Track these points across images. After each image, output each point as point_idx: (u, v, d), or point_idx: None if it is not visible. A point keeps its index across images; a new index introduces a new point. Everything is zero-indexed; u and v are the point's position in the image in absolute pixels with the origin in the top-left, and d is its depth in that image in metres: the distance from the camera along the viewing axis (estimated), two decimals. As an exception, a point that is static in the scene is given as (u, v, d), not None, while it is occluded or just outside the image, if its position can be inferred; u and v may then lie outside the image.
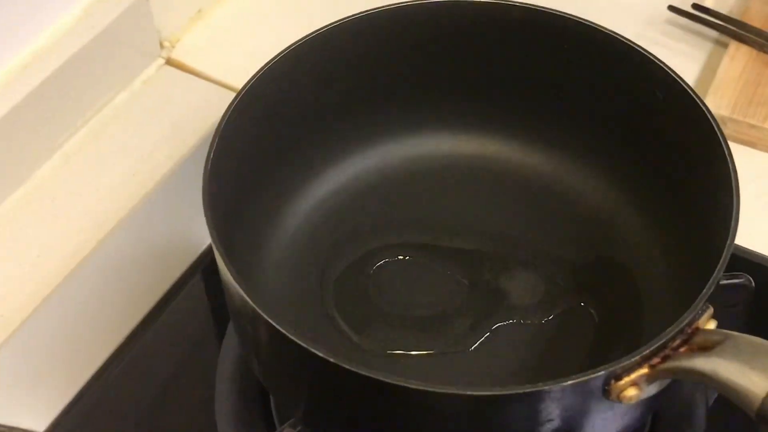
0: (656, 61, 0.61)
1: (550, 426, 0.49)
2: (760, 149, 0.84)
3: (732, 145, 0.82)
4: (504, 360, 0.61)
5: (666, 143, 0.63)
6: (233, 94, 0.88)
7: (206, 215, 0.52)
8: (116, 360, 0.71)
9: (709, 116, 0.58)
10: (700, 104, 0.59)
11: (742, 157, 0.82)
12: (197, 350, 0.72)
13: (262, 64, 0.63)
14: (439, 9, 0.65)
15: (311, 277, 0.65)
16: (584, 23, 0.63)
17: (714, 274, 0.49)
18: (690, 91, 0.60)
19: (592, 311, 0.63)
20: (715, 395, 0.67)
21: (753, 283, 0.63)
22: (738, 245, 0.73)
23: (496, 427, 0.49)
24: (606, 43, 0.63)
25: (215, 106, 0.88)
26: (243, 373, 0.66)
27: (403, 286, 0.65)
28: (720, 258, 0.50)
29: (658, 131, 0.63)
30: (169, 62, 0.91)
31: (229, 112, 0.59)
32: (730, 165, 0.55)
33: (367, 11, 0.66)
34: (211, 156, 0.56)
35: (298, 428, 0.54)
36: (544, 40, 0.65)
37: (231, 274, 0.49)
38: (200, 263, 0.76)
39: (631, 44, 0.62)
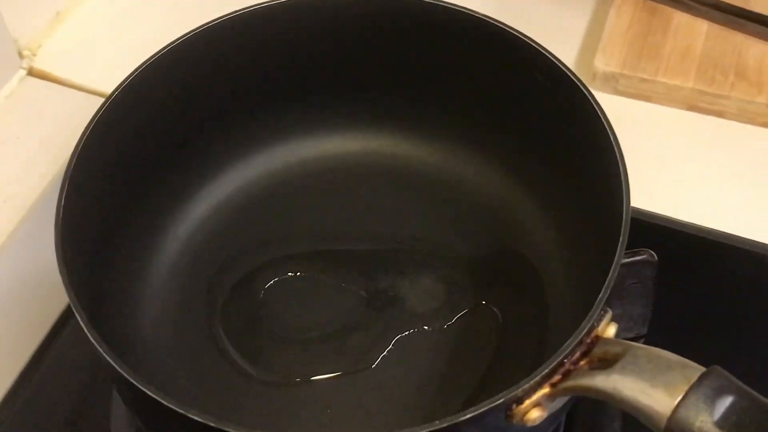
0: (531, 42, 0.58)
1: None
2: (656, 102, 0.82)
3: (626, 101, 0.82)
4: (409, 373, 0.58)
5: (551, 126, 0.60)
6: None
7: (61, 272, 0.48)
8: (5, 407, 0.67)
9: (589, 97, 0.55)
10: (578, 84, 0.56)
11: (638, 112, 0.81)
12: (90, 394, 0.68)
13: (131, 66, 0.58)
14: (304, 6, 0.61)
15: (198, 308, 0.61)
16: (454, 8, 0.59)
17: (607, 280, 0.47)
18: (567, 71, 0.57)
19: (494, 309, 0.60)
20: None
21: (656, 258, 0.61)
22: (639, 209, 0.72)
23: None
24: (480, 28, 0.59)
25: (86, 114, 0.83)
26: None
27: (296, 305, 0.62)
28: (613, 259, 0.47)
29: (542, 114, 0.60)
30: (32, 72, 0.86)
31: (87, 133, 0.55)
32: (617, 153, 0.52)
33: (239, 11, 0.61)
34: (63, 196, 0.52)
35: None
36: (418, 30, 0.62)
37: (93, 338, 0.45)
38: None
39: (505, 27, 0.59)
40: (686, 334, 0.64)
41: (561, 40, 0.85)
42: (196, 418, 0.42)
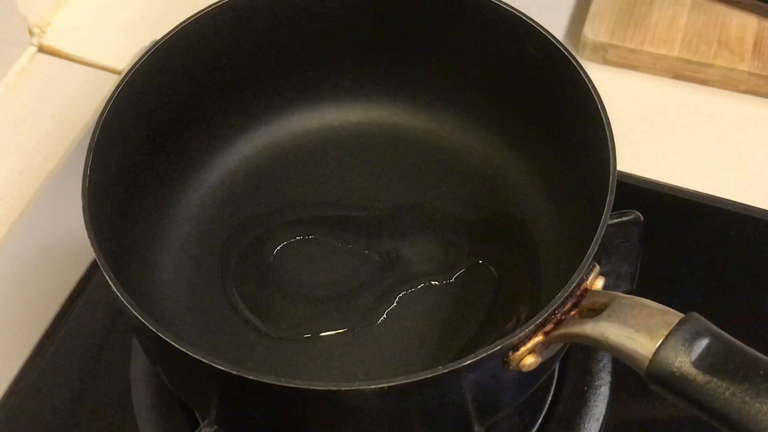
0: (521, 15, 0.61)
1: (458, 402, 0.50)
2: (643, 71, 0.85)
3: (615, 70, 0.85)
4: (411, 329, 0.62)
5: (542, 95, 0.63)
6: (113, 77, 0.87)
7: (88, 229, 0.52)
8: (28, 368, 0.71)
9: (577, 67, 0.58)
10: (567, 54, 0.59)
11: (625, 81, 0.84)
12: (109, 347, 0.72)
13: (139, 40, 0.61)
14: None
15: (212, 269, 0.65)
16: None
17: (595, 238, 0.50)
18: (556, 43, 0.60)
19: (490, 268, 0.64)
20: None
21: (642, 218, 0.65)
22: (625, 173, 0.75)
23: (407, 412, 0.50)
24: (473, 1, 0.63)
25: (96, 90, 0.86)
26: (158, 376, 0.66)
27: (304, 267, 0.65)
28: (600, 218, 0.51)
29: (534, 84, 0.63)
30: (42, 49, 0.89)
31: (107, 109, 0.58)
32: (605, 120, 0.55)
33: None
34: (89, 164, 0.55)
35: (215, 428, 0.54)
36: (414, 4, 0.65)
37: (118, 290, 0.49)
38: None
39: (497, 2, 0.62)
40: (670, 289, 0.67)
41: (551, 11, 0.89)
42: (216, 365, 0.46)
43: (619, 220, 0.63)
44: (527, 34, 0.61)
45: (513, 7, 0.61)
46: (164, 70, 0.62)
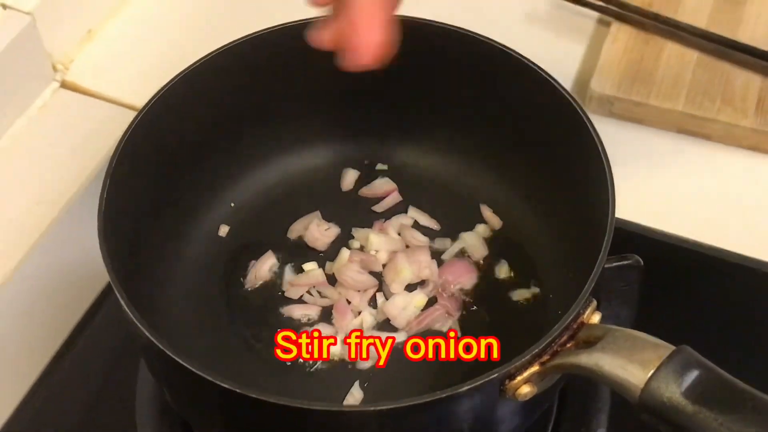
0: (527, 61, 0.64)
1: (455, 428, 0.52)
2: (647, 125, 0.87)
3: (620, 123, 0.87)
4: (410, 366, 0.63)
5: (548, 140, 0.66)
6: (130, 113, 0.89)
7: (102, 249, 0.54)
8: (34, 394, 0.72)
9: (583, 115, 0.61)
10: (574, 103, 0.61)
11: (631, 134, 0.86)
12: (116, 372, 0.73)
13: (158, 79, 0.64)
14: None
15: (218, 294, 0.68)
16: (458, 31, 0.65)
17: (592, 274, 0.52)
18: (563, 91, 0.62)
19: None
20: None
21: (642, 263, 0.66)
22: (627, 221, 0.77)
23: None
24: (487, 50, 0.66)
25: (114, 125, 0.89)
26: (162, 397, 0.68)
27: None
28: (596, 260, 0.53)
29: (541, 129, 0.66)
30: (64, 85, 0.91)
31: (123, 142, 0.60)
32: (606, 167, 0.58)
33: (262, 30, 0.67)
34: (105, 191, 0.57)
35: (217, 450, 0.55)
36: (426, 51, 0.68)
37: (128, 309, 0.51)
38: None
39: (511, 52, 0.65)
40: (667, 331, 0.69)
41: (560, 64, 0.91)
42: (220, 383, 0.47)
43: (620, 263, 0.65)
44: (538, 83, 0.63)
45: (527, 58, 0.64)
46: (177, 106, 0.65)
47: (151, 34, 0.95)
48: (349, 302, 0.66)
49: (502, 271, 0.69)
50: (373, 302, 0.67)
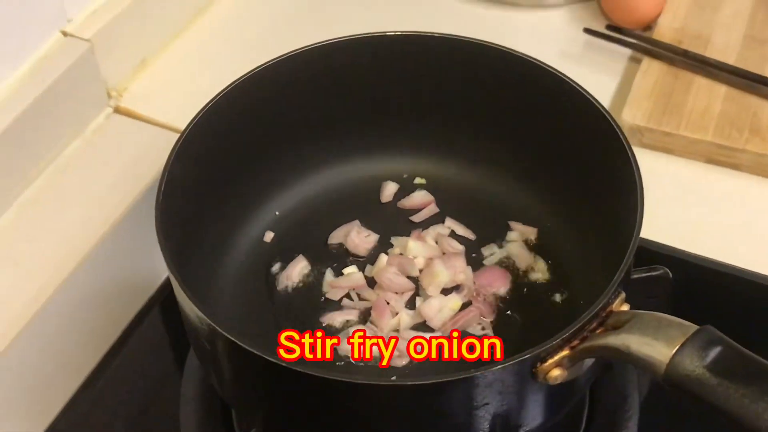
0: (566, 79, 0.67)
1: (487, 409, 0.54)
2: (677, 155, 0.89)
3: (650, 153, 0.90)
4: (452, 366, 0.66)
5: (581, 155, 0.69)
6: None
7: (159, 240, 0.57)
8: (84, 394, 0.75)
9: (611, 120, 0.64)
10: (605, 113, 0.65)
11: (660, 164, 0.89)
12: (161, 378, 0.77)
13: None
14: (363, 43, 0.71)
15: (262, 297, 0.70)
16: (502, 50, 0.69)
17: (622, 264, 0.54)
18: (597, 104, 0.66)
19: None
20: (647, 390, 0.72)
21: (671, 275, 0.68)
22: (658, 242, 0.79)
23: (440, 411, 0.53)
24: (527, 69, 0.70)
25: (163, 148, 0.92)
26: (205, 394, 0.71)
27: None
28: (627, 251, 0.55)
29: (575, 145, 0.69)
30: (117, 110, 0.95)
31: (174, 153, 0.64)
32: (635, 170, 0.60)
33: (303, 48, 0.71)
34: (162, 189, 0.61)
35: (260, 434, 0.58)
36: (470, 70, 0.72)
37: (185, 292, 0.54)
38: (158, 298, 0.80)
39: (564, 77, 0.69)
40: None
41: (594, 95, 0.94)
42: (268, 357, 0.50)
43: (648, 274, 0.67)
44: (578, 104, 0.67)
45: (570, 78, 0.68)
46: (221, 123, 0.70)
47: (203, 64, 0.99)
48: (388, 303, 0.69)
49: (539, 271, 0.72)
50: (409, 305, 0.70)
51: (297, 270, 0.72)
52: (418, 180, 0.78)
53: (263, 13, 1.04)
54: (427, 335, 0.67)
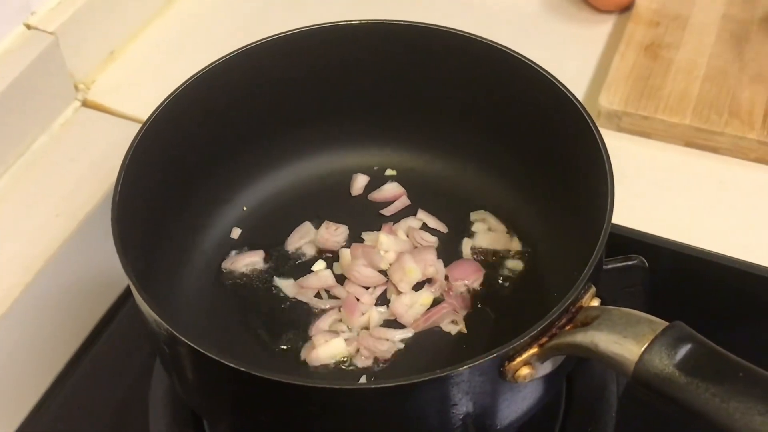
0: (534, 65, 0.66)
1: (457, 410, 0.52)
2: (656, 139, 0.88)
3: (628, 138, 0.88)
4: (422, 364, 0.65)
5: (553, 145, 0.68)
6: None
7: (115, 240, 0.55)
8: (51, 395, 0.74)
9: (579, 107, 0.62)
10: (573, 99, 0.63)
11: (638, 148, 0.87)
12: (129, 379, 0.75)
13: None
14: (327, 33, 0.69)
15: (228, 295, 0.68)
16: (471, 38, 0.68)
17: (591, 259, 0.53)
18: (565, 90, 0.64)
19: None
20: (626, 382, 0.71)
21: (646, 264, 0.67)
22: (636, 230, 0.78)
23: (407, 413, 0.52)
24: (496, 56, 0.68)
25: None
26: (174, 397, 0.69)
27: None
28: (596, 245, 0.54)
29: (545, 133, 0.67)
30: (86, 104, 0.94)
31: (132, 148, 0.62)
32: (606, 161, 0.59)
33: (266, 38, 0.70)
34: (119, 186, 0.59)
35: (225, 439, 0.56)
36: (438, 58, 0.70)
37: (141, 296, 0.52)
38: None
39: (515, 54, 0.67)
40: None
41: (571, 81, 0.92)
42: (230, 364, 0.49)
43: (624, 264, 0.66)
44: (546, 90, 0.66)
45: (537, 64, 0.66)
46: (182, 116, 0.68)
47: (173, 55, 0.97)
48: (357, 300, 0.68)
49: (510, 265, 0.70)
50: (380, 301, 0.68)
51: (245, 261, 0.70)
52: (388, 171, 0.76)
53: (233, 4, 1.03)
54: (398, 332, 0.66)
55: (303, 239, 0.71)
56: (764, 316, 0.77)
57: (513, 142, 0.72)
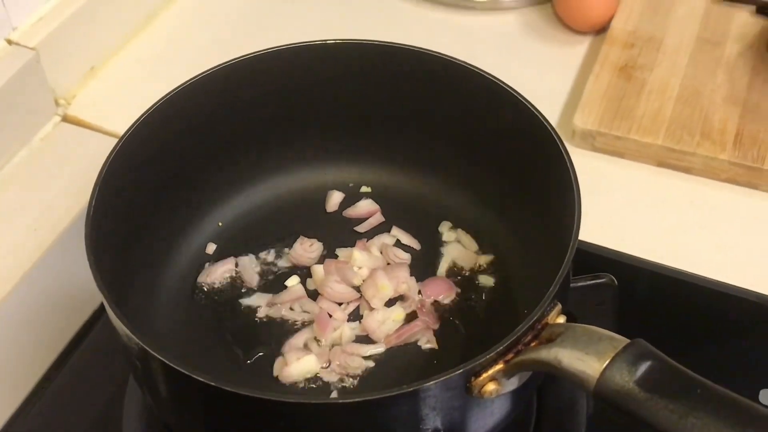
0: (503, 85, 0.67)
1: (425, 425, 0.53)
2: (629, 158, 0.89)
3: (602, 157, 0.90)
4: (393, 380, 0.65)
5: (524, 162, 0.69)
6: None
7: (88, 254, 0.56)
8: (24, 411, 0.74)
9: (547, 125, 0.63)
10: (541, 118, 0.64)
11: (611, 168, 0.89)
12: (104, 395, 0.75)
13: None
14: (304, 52, 0.70)
15: (204, 311, 0.69)
16: (443, 58, 0.69)
17: (557, 278, 0.54)
18: (533, 109, 0.65)
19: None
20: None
21: (616, 282, 0.68)
22: (607, 248, 0.79)
23: (379, 429, 0.53)
24: (467, 75, 0.69)
25: (113, 157, 0.92)
26: (148, 413, 0.69)
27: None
28: (562, 263, 0.55)
29: (517, 152, 0.69)
30: (66, 119, 0.95)
31: (108, 163, 0.63)
32: (574, 182, 0.60)
33: (242, 57, 0.70)
34: (93, 203, 0.60)
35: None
36: (411, 78, 0.71)
37: (113, 311, 0.53)
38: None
39: (485, 74, 0.68)
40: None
41: (546, 101, 0.94)
42: (199, 378, 0.49)
43: (594, 281, 0.67)
44: (518, 110, 0.67)
45: (508, 85, 0.68)
46: (158, 132, 0.68)
47: (153, 71, 0.98)
48: (330, 316, 0.68)
49: (482, 281, 0.72)
50: (353, 317, 0.69)
51: (221, 270, 0.71)
52: (364, 188, 0.77)
53: (213, 21, 1.04)
54: (370, 348, 0.66)
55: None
56: (734, 335, 0.78)
57: (486, 160, 0.73)
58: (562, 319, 0.54)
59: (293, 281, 0.71)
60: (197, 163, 0.71)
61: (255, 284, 0.71)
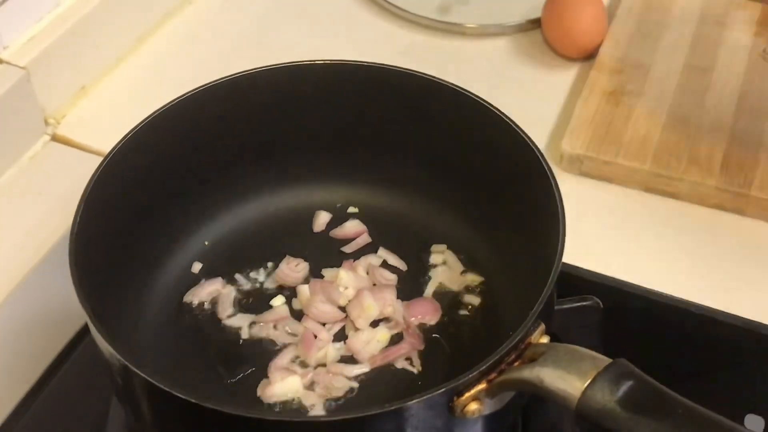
0: (491, 107, 0.67)
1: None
2: (616, 183, 0.89)
3: (589, 181, 0.90)
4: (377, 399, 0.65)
5: (511, 185, 0.69)
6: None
7: (72, 271, 0.56)
8: (7, 429, 0.73)
9: (534, 148, 0.64)
10: (528, 141, 0.65)
11: (599, 192, 0.89)
12: (87, 414, 0.75)
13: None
14: (291, 72, 0.70)
15: (189, 331, 0.69)
16: (430, 79, 0.69)
17: (541, 297, 0.54)
18: (520, 132, 0.65)
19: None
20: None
21: (601, 305, 0.68)
22: (593, 272, 0.79)
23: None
24: (455, 98, 0.70)
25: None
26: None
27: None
28: (545, 284, 0.55)
29: (504, 175, 0.69)
30: (55, 138, 0.95)
31: (92, 183, 0.63)
32: (559, 205, 0.60)
33: (230, 76, 0.71)
34: (77, 222, 0.59)
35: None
36: (400, 100, 0.72)
37: (96, 327, 0.53)
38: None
39: (474, 97, 0.68)
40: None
41: (535, 125, 0.94)
42: (182, 396, 0.49)
43: (579, 304, 0.67)
44: (504, 132, 0.67)
45: (496, 107, 0.68)
46: (144, 151, 0.69)
47: (144, 91, 0.98)
48: (315, 336, 0.68)
49: (468, 301, 0.72)
50: (338, 337, 0.69)
51: (208, 290, 0.71)
52: (351, 209, 0.77)
53: (203, 43, 1.04)
54: (354, 368, 0.66)
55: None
56: (720, 360, 0.78)
57: (473, 182, 0.73)
58: (545, 339, 0.54)
59: (278, 301, 0.71)
60: (183, 182, 0.72)
61: (225, 316, 0.70)
